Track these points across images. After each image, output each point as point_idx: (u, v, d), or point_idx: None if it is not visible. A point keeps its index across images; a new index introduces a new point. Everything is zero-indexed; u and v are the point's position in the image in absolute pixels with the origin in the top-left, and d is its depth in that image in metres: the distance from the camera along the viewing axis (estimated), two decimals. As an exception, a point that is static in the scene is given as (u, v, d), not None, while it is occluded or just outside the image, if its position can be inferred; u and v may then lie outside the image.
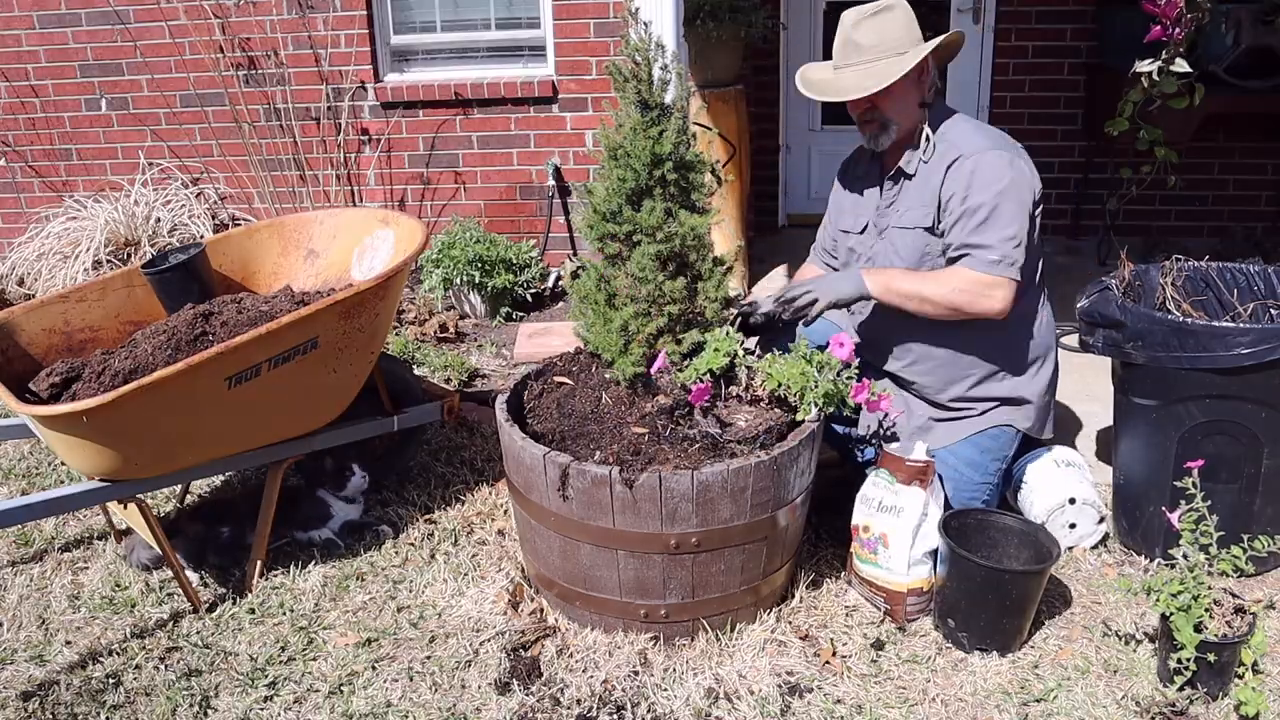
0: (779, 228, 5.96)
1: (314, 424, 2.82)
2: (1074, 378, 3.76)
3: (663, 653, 2.39)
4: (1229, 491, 2.56)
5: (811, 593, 2.61)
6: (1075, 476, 2.77)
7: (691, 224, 2.40)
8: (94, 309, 2.94)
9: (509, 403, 2.58)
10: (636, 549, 2.30)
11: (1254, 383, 2.45)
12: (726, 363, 2.42)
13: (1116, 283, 2.77)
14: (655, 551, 2.29)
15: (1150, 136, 3.94)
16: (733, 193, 4.64)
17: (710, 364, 2.40)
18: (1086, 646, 2.41)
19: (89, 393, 2.54)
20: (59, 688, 2.35)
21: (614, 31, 4.70)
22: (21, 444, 3.57)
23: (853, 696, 2.26)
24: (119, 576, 2.81)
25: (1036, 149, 2.61)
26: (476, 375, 4.15)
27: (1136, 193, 4.64)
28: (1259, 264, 2.85)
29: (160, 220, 4.92)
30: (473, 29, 5.08)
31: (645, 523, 2.26)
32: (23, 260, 4.90)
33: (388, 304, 2.83)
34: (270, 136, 5.10)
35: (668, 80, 2.40)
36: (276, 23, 4.96)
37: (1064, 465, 2.80)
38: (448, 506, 3.10)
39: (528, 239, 5.06)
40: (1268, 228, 5.34)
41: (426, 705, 2.28)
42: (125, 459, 2.48)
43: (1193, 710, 2.19)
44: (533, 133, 5.00)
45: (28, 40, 5.14)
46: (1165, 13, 3.27)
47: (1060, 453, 2.85)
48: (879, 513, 2.49)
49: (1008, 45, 5.36)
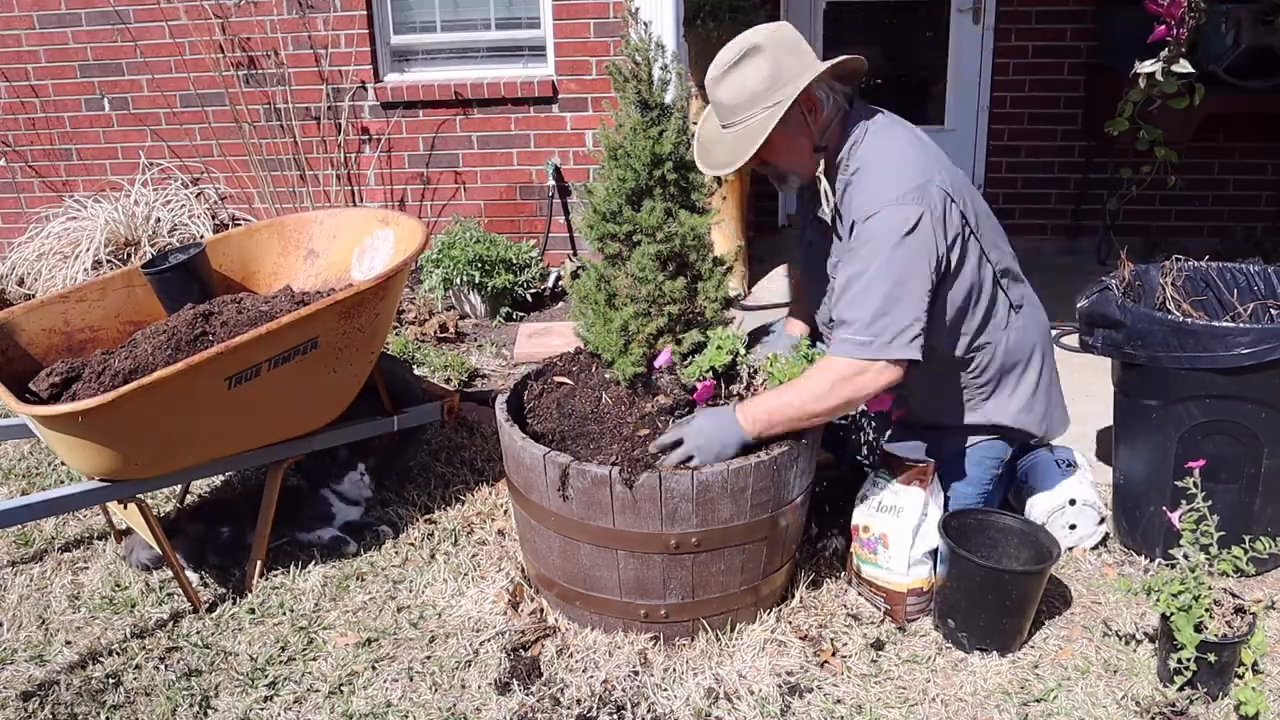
0: (779, 228, 5.96)
1: (314, 424, 2.82)
2: (1074, 378, 3.75)
3: (663, 653, 2.39)
4: (1229, 491, 2.56)
5: (811, 593, 2.61)
6: (1075, 477, 2.77)
7: (691, 224, 2.40)
8: (94, 309, 2.94)
9: (509, 403, 2.58)
10: (636, 549, 2.30)
11: (1254, 383, 2.45)
12: (730, 360, 2.42)
13: (1116, 283, 2.77)
14: (655, 551, 2.29)
15: (1150, 136, 3.94)
16: (733, 193, 4.64)
17: (713, 361, 2.40)
18: (1086, 646, 2.41)
19: (89, 393, 2.54)
20: (59, 688, 2.35)
21: (614, 31, 4.70)
22: (21, 444, 3.57)
23: (853, 696, 2.26)
24: (119, 576, 2.81)
25: (1036, 149, 2.59)
26: (476, 375, 4.15)
27: (1136, 193, 4.65)
28: (1259, 264, 2.85)
29: (160, 220, 4.92)
30: (473, 29, 5.08)
31: (645, 523, 2.26)
32: (23, 260, 4.90)
33: (388, 304, 2.83)
34: (270, 136, 5.10)
35: (668, 80, 2.40)
36: (276, 23, 4.96)
37: (1064, 466, 2.80)
38: (448, 506, 3.10)
39: (528, 239, 5.06)
40: (1268, 228, 5.34)
41: (426, 705, 2.28)
42: (125, 459, 2.48)
43: (1193, 710, 2.19)
44: (533, 133, 5.00)
45: (28, 40, 5.14)
46: (1169, 12, 3.27)
47: (1060, 453, 2.85)
48: (879, 513, 2.49)
49: (1008, 45, 5.36)
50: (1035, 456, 2.84)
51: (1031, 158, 5.46)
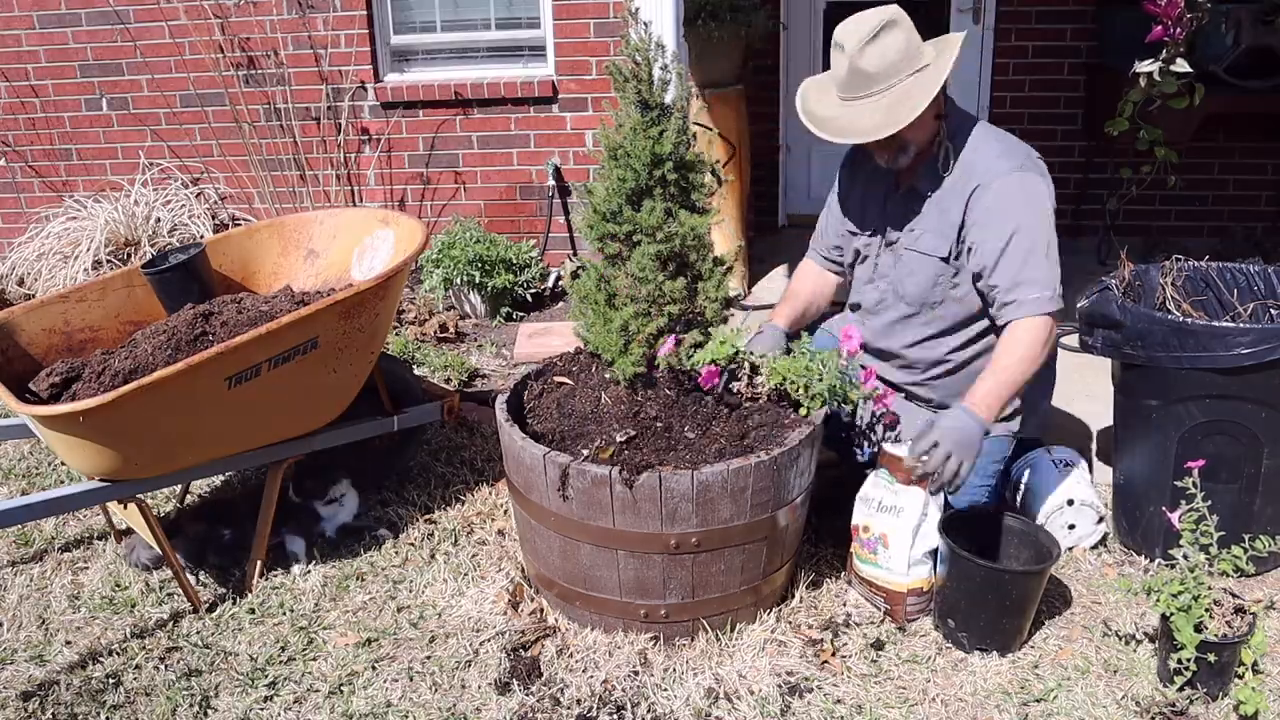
0: (779, 228, 5.95)
1: (314, 424, 2.82)
2: (1074, 378, 3.75)
3: (663, 653, 2.39)
4: (1229, 491, 2.56)
5: (811, 593, 2.61)
6: (1074, 477, 2.77)
7: (691, 224, 2.40)
8: (94, 309, 2.94)
9: (509, 403, 2.58)
10: (636, 549, 2.30)
11: (1254, 383, 2.45)
12: (732, 353, 2.42)
13: (1116, 283, 2.77)
14: (655, 551, 2.29)
15: (1150, 136, 3.94)
16: (733, 193, 4.64)
17: (716, 354, 2.40)
18: (1086, 646, 2.41)
19: (89, 393, 2.54)
20: (59, 688, 2.35)
21: (614, 31, 4.70)
22: (21, 444, 3.57)
23: (853, 696, 2.26)
24: (119, 576, 2.81)
25: (1036, 149, 2.58)
26: (476, 375, 4.14)
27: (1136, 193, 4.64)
28: (1259, 264, 2.85)
29: (160, 220, 4.92)
30: (473, 29, 5.08)
31: (645, 523, 2.26)
32: (23, 260, 4.90)
33: (388, 304, 2.83)
34: (270, 136, 5.10)
35: (668, 80, 2.40)
36: (276, 23, 4.96)
37: (1063, 466, 2.80)
38: (448, 506, 3.10)
39: (528, 239, 5.06)
40: (1268, 228, 5.34)
41: (426, 705, 2.28)
42: (125, 459, 2.48)
43: (1193, 710, 2.19)
44: (533, 133, 5.00)
45: (28, 40, 5.14)
46: (1166, 12, 3.28)
47: (1060, 453, 2.85)
48: (879, 513, 2.49)
49: (1008, 45, 5.36)
50: (1034, 456, 2.84)
51: (1031, 158, 5.46)
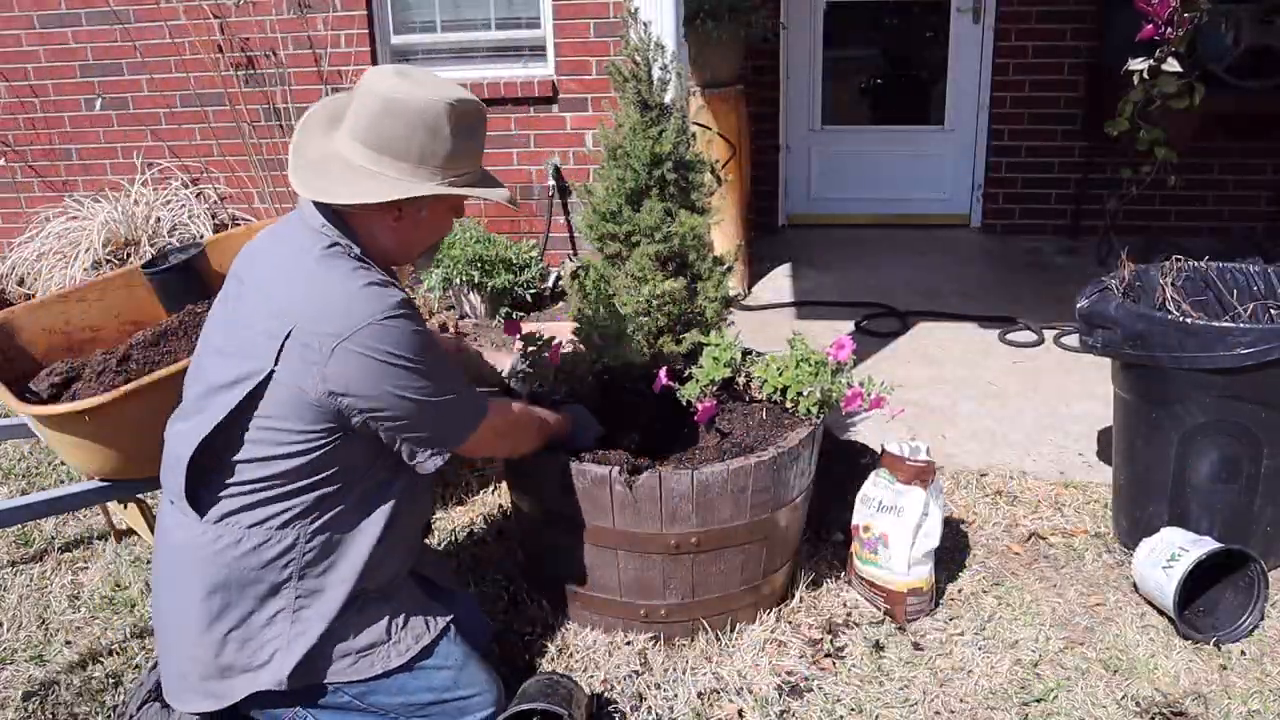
0: (779, 228, 5.96)
1: (314, 424, 2.81)
2: (1074, 378, 3.76)
3: (662, 652, 2.39)
4: (1229, 491, 2.56)
5: (811, 593, 2.61)
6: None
7: (691, 224, 2.40)
8: (94, 309, 2.94)
9: (509, 403, 2.58)
10: (636, 549, 2.30)
11: (1254, 383, 2.45)
12: (729, 373, 2.42)
13: (1116, 283, 2.77)
14: (655, 551, 2.29)
15: (1150, 136, 3.95)
16: (733, 193, 4.64)
17: (712, 375, 2.39)
18: (1086, 646, 2.41)
19: (89, 392, 2.54)
20: (59, 688, 2.35)
21: (614, 31, 4.70)
22: (21, 444, 3.57)
23: (852, 696, 2.26)
24: (119, 576, 2.80)
25: (1036, 149, 2.59)
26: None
27: (1136, 193, 4.65)
28: (1259, 264, 2.85)
29: (160, 220, 4.92)
30: (473, 29, 5.08)
31: (645, 522, 2.26)
32: (23, 260, 4.90)
33: (388, 304, 2.82)
34: (270, 136, 5.10)
35: (668, 80, 2.40)
36: (276, 23, 4.96)
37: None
38: (448, 507, 3.10)
39: (528, 239, 5.06)
40: (1268, 228, 5.34)
41: (426, 705, 2.28)
42: (126, 458, 2.48)
43: (1193, 710, 2.19)
44: (533, 133, 5.00)
45: (28, 40, 5.14)
46: (1156, 11, 3.28)
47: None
48: (879, 513, 2.49)
49: (1008, 45, 5.36)
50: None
51: (1031, 158, 5.47)
